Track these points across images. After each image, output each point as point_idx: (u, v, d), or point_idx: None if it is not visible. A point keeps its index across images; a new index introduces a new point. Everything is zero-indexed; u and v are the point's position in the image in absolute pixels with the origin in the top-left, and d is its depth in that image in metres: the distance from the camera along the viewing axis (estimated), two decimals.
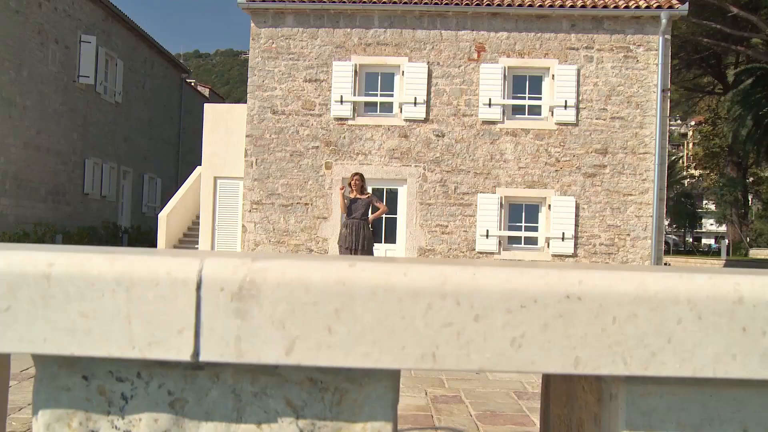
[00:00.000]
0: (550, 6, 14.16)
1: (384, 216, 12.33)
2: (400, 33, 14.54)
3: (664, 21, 14.09)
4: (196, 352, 0.73)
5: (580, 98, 14.33)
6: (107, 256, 0.74)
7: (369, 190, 10.47)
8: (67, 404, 0.78)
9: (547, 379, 1.13)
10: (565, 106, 14.29)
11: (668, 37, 14.35)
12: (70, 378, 0.78)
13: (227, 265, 0.74)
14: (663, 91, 14.22)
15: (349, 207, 9.46)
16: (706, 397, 0.79)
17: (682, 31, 21.77)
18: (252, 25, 14.73)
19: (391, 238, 14.62)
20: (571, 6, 14.14)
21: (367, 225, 9.56)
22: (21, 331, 0.73)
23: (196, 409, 0.78)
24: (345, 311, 0.72)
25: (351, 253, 9.54)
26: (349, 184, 9.53)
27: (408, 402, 4.96)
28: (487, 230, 14.40)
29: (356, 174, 9.62)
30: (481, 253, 14.49)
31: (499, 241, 14.39)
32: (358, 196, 9.46)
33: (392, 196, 14.62)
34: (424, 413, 4.70)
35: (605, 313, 0.73)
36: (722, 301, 0.73)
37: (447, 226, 14.53)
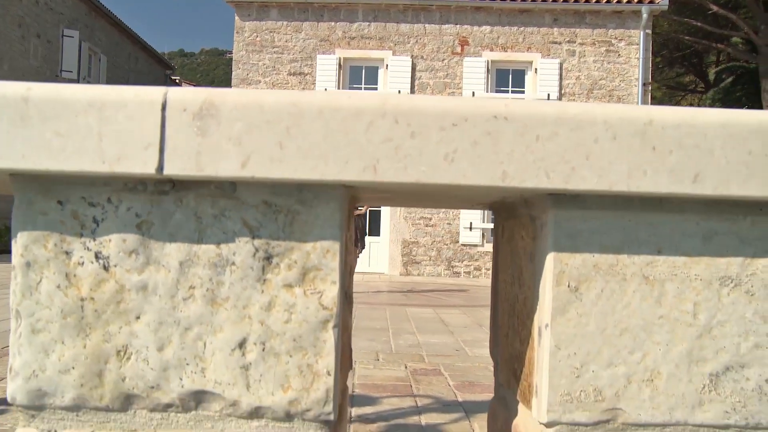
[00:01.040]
0: (533, 0, 14.32)
1: (369, 208, 12.46)
2: (384, 26, 14.63)
3: (644, 16, 14.29)
4: (161, 167, 0.80)
5: (563, 92, 14.50)
6: (81, 85, 0.82)
7: None
8: (43, 227, 0.85)
9: (496, 255, 1.21)
10: (548, 100, 14.44)
11: (649, 31, 14.55)
12: (46, 203, 0.85)
13: (190, 90, 0.82)
14: (644, 84, 14.42)
15: None
16: (626, 222, 0.88)
17: (664, 29, 22.03)
18: (236, 18, 14.76)
19: (375, 230, 14.70)
20: (554, 0, 14.31)
21: (358, 217, 9.73)
22: (1, 149, 0.80)
23: (161, 231, 0.86)
24: (295, 128, 0.80)
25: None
26: None
27: (388, 374, 5.04)
28: (471, 223, 14.51)
29: None
30: (464, 245, 14.60)
31: (483, 234, 14.51)
32: None
33: None
34: (403, 383, 4.78)
35: (529, 132, 0.81)
36: (634, 122, 0.82)
37: (431, 219, 14.62)
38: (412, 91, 14.55)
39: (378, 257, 14.87)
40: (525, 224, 0.99)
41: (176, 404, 0.86)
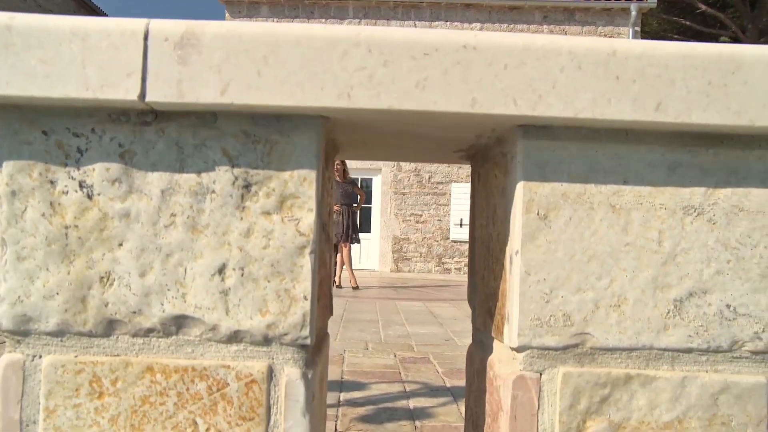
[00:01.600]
0: None
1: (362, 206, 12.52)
2: (375, 24, 14.65)
3: (633, 13, 14.39)
4: (143, 94, 0.83)
5: None
6: (63, 15, 0.85)
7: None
8: (28, 156, 0.88)
9: (473, 204, 1.24)
10: None
11: (638, 29, 14.65)
12: (31, 133, 0.88)
13: (171, 21, 0.84)
14: None
15: (334, 192, 9.71)
16: (593, 153, 0.91)
17: (654, 28, 22.18)
18: (227, 15, 14.77)
19: (365, 227, 14.73)
20: None
21: (355, 211, 9.82)
22: None
23: (144, 160, 0.88)
24: (272, 57, 0.83)
25: (346, 237, 9.75)
26: None
27: (377, 362, 5.08)
28: (461, 219, 14.56)
29: (337, 160, 9.85)
30: (455, 241, 14.64)
31: None
32: (338, 180, 9.68)
33: (367, 185, 14.73)
34: (392, 370, 4.81)
35: (497, 62, 0.85)
36: (599, 52, 0.85)
37: (421, 216, 14.66)
38: None
39: (368, 254, 14.89)
40: (498, 163, 1.02)
41: (157, 329, 0.89)
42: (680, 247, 0.92)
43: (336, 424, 3.43)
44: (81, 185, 0.88)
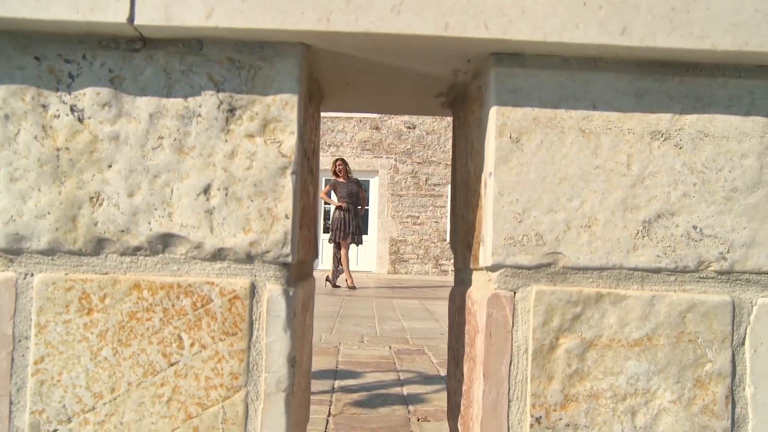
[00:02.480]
0: None
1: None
2: None
3: None
4: (131, 17, 0.87)
5: None
6: None
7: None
8: (20, 81, 0.92)
9: (455, 149, 1.28)
10: None
11: None
12: (23, 58, 0.92)
13: None
14: None
15: (340, 191, 9.77)
16: (563, 79, 0.95)
17: None
18: None
19: (362, 229, 14.77)
20: None
21: (360, 212, 9.92)
22: None
23: (133, 85, 0.92)
24: None
25: (348, 236, 9.80)
26: (334, 172, 9.81)
27: (372, 353, 5.10)
28: None
29: (338, 159, 9.89)
30: None
31: None
32: (343, 180, 9.76)
33: (364, 187, 14.78)
34: (387, 361, 4.84)
35: None
36: None
37: (418, 217, 14.70)
38: None
39: (366, 256, 14.92)
40: (475, 98, 1.06)
41: (145, 247, 0.92)
42: (648, 170, 0.95)
43: (330, 409, 3.46)
44: (72, 109, 0.92)
